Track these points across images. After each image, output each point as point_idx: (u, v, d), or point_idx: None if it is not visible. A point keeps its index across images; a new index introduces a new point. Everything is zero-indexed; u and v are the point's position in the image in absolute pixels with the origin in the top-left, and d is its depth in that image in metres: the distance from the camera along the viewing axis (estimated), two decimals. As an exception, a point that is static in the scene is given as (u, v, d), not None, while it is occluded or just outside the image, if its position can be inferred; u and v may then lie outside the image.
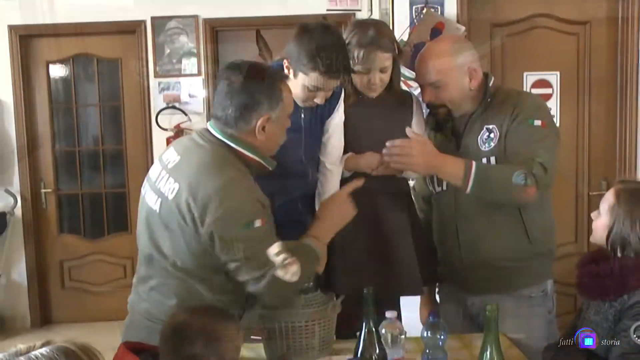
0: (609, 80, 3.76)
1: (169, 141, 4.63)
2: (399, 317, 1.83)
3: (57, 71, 4.97)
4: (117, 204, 5.05)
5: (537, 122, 2.01)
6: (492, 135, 2.06)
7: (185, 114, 4.71)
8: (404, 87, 2.42)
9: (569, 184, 3.77)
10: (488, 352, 1.47)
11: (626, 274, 1.69)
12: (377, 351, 1.57)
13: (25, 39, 4.81)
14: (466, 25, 3.52)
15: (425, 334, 1.65)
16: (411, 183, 2.48)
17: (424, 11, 3.51)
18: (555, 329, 2.16)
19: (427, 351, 1.64)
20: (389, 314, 1.69)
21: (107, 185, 5.05)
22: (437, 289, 2.39)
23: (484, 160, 2.05)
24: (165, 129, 4.72)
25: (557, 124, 3.53)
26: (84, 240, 5.06)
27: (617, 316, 1.69)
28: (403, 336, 1.68)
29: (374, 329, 1.58)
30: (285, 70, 1.94)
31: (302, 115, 2.02)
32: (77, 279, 5.05)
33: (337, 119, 2.11)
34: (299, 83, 1.92)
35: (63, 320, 5.00)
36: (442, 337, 1.64)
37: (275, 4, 4.52)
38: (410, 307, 2.29)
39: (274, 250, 1.64)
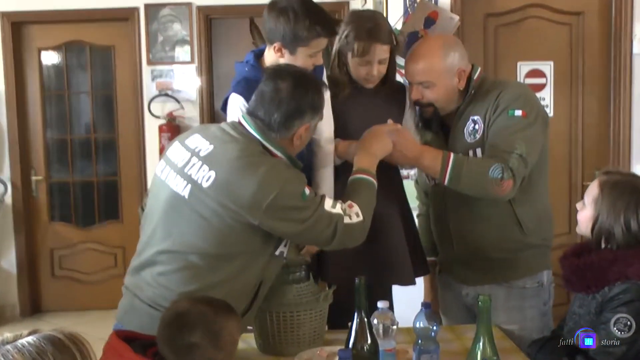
0: (602, 70, 3.74)
1: (161, 129, 4.65)
2: (390, 307, 1.82)
3: (49, 58, 4.96)
4: (108, 192, 5.04)
5: (518, 112, 1.96)
6: (476, 126, 2.03)
7: (178, 102, 4.69)
8: (398, 77, 2.38)
9: (562, 174, 3.76)
10: (480, 344, 1.43)
11: (605, 266, 1.69)
12: (369, 342, 1.55)
13: (17, 26, 4.78)
14: (460, 15, 3.46)
15: (417, 325, 1.64)
16: (411, 172, 2.45)
17: (418, 0, 3.47)
18: (551, 320, 2.13)
19: (419, 342, 1.61)
20: (381, 304, 1.66)
21: (98, 174, 5.03)
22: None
23: (470, 152, 2.02)
24: (158, 117, 4.70)
25: (551, 114, 3.53)
26: (75, 229, 5.04)
27: (598, 308, 1.69)
28: (395, 327, 1.66)
29: (365, 320, 1.56)
30: (277, 53, 1.93)
31: None
32: (67, 268, 5.03)
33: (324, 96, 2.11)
34: (299, 57, 1.91)
35: (53, 309, 4.99)
36: (434, 328, 1.63)
37: (269, -8, 4.53)
38: (402, 298, 2.26)
39: (329, 204, 1.71)
